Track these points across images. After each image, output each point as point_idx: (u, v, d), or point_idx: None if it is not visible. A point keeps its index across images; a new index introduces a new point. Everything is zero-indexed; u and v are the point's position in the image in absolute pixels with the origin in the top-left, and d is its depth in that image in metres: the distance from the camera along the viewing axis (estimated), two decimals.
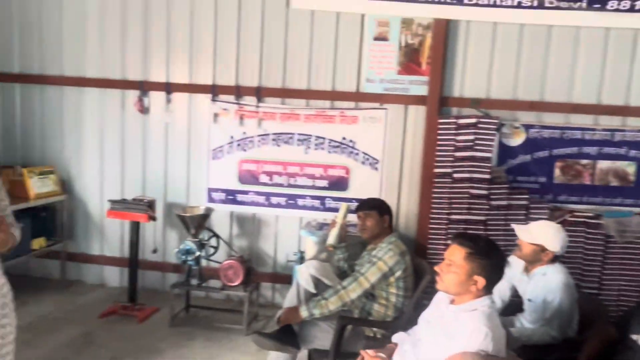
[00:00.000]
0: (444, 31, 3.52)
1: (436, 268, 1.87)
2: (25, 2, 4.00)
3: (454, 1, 3.47)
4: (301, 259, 3.54)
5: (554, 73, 3.53)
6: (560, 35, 3.48)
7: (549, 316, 2.33)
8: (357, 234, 3.10)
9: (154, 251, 3.91)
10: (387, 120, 3.70)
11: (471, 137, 3.51)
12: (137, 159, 4.04)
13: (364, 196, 3.65)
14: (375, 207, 2.77)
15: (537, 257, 2.42)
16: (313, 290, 2.70)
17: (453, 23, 3.55)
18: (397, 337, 2.06)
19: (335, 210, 3.75)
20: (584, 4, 3.36)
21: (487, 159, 3.50)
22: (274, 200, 3.88)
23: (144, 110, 3.94)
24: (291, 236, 3.91)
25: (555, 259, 2.43)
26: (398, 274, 2.54)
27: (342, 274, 2.87)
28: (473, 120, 3.51)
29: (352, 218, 3.10)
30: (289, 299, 2.75)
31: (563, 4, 3.38)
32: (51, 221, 4.09)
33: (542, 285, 2.38)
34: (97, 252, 4.20)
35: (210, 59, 3.83)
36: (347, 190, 3.81)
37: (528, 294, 2.44)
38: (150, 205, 3.67)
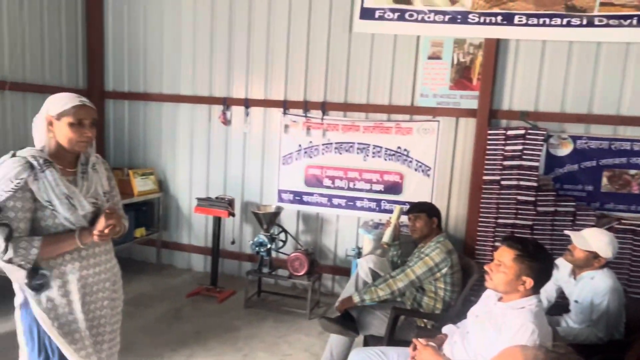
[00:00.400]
0: (495, 49, 3.39)
1: (486, 267, 1.81)
2: (133, 32, 4.31)
3: (505, 22, 3.34)
4: (358, 254, 3.53)
5: (602, 87, 3.29)
6: (610, 51, 3.25)
7: (595, 318, 2.17)
8: (409, 234, 3.07)
9: (232, 242, 4.05)
10: (439, 131, 3.62)
11: (519, 147, 3.35)
12: (220, 163, 4.21)
13: (417, 200, 3.59)
14: (424, 210, 2.71)
15: (589, 262, 2.26)
16: (370, 282, 2.68)
17: (503, 42, 3.42)
18: (446, 329, 2.01)
19: (390, 211, 3.74)
20: (635, 21, 3.11)
21: (535, 168, 3.32)
22: (335, 201, 3.90)
23: (226, 122, 4.10)
24: (350, 233, 3.92)
25: (605, 264, 2.27)
26: (444, 270, 2.47)
27: (396, 269, 2.84)
28: (521, 132, 3.34)
29: (405, 219, 3.05)
30: (347, 288, 2.75)
31: (613, 22, 3.15)
32: (150, 214, 4.34)
33: (589, 288, 2.22)
34: (186, 242, 4.41)
35: (282, 78, 3.93)
36: (401, 194, 3.75)
37: (575, 295, 2.29)
38: (230, 203, 3.80)
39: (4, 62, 3.59)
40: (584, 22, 3.18)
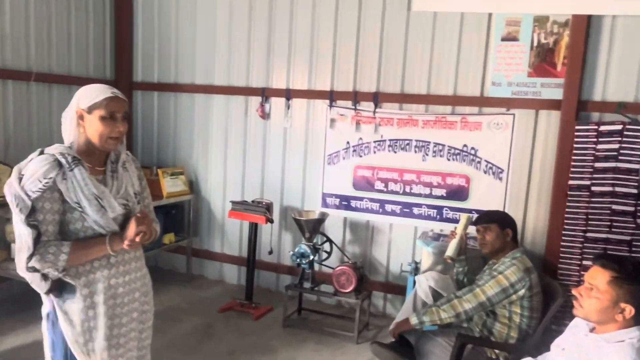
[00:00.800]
0: (585, 28, 3.24)
1: (574, 291, 1.72)
2: (165, 21, 4.47)
3: None
4: (415, 270, 3.47)
5: None
6: None
7: None
8: (477, 248, 2.99)
9: (270, 252, 4.10)
10: (514, 126, 3.49)
11: (615, 145, 3.18)
12: (257, 163, 4.28)
13: (485, 207, 3.53)
14: (495, 220, 2.63)
15: None
16: (430, 302, 2.63)
17: (596, 19, 3.26)
18: None
19: (453, 221, 3.67)
20: None
21: (635, 171, 3.14)
22: (389, 207, 3.86)
23: (265, 115, 4.17)
24: (405, 245, 3.87)
25: None
26: (522, 292, 2.38)
27: (461, 289, 2.77)
28: (618, 127, 3.17)
29: (473, 230, 2.98)
30: (404, 309, 2.72)
31: None
32: (179, 218, 4.48)
33: None
34: (218, 250, 4.52)
35: (329, 65, 3.94)
36: (467, 201, 3.66)
37: None
38: (269, 208, 3.86)
39: (30, 52, 3.82)
40: None
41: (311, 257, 3.61)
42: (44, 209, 1.59)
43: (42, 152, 1.64)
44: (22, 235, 1.57)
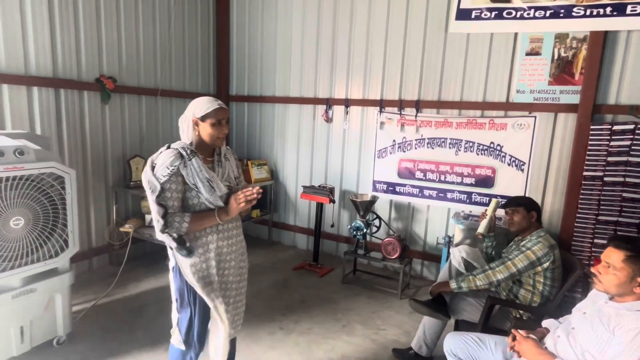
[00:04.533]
0: (602, 42, 2.92)
1: (593, 270, 1.56)
2: (253, 44, 4.50)
3: (615, 13, 2.86)
4: (449, 243, 3.33)
5: None
6: None
7: None
8: (503, 226, 2.83)
9: (332, 226, 4.08)
10: (535, 126, 3.24)
11: (627, 142, 2.87)
12: (322, 156, 4.25)
13: (509, 193, 3.35)
14: (522, 204, 2.44)
15: None
16: (463, 271, 2.51)
17: (612, 34, 2.93)
18: (547, 323, 1.79)
19: (481, 204, 3.49)
20: None
21: None
22: (426, 192, 3.72)
23: (328, 119, 4.12)
24: (440, 223, 3.72)
25: None
26: (546, 265, 2.21)
27: (489, 260, 2.62)
28: (630, 126, 2.85)
29: (500, 212, 2.80)
30: (442, 275, 2.61)
31: None
32: (263, 199, 4.54)
33: None
34: (292, 223, 4.55)
35: (379, 79, 3.82)
36: (493, 187, 3.45)
37: None
38: (331, 191, 3.83)
39: (157, 74, 3.99)
40: None
41: (364, 230, 3.56)
42: (170, 189, 1.63)
43: (169, 147, 1.69)
44: (154, 210, 1.63)
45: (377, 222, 3.73)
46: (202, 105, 1.68)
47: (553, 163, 3.23)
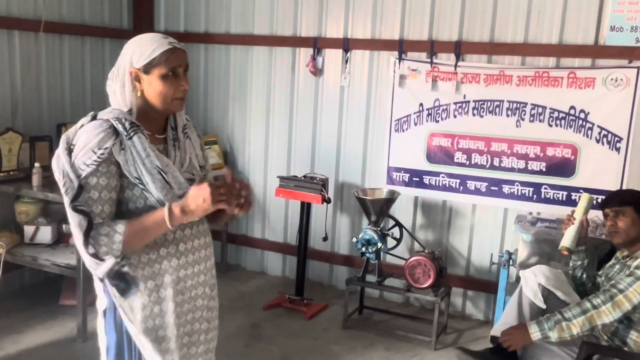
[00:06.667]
0: None
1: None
2: None
3: None
4: (508, 262, 3.38)
5: None
6: None
7: None
8: (599, 237, 2.89)
9: (324, 239, 4.04)
10: (639, 83, 3.32)
11: None
12: (307, 130, 4.23)
13: (596, 185, 3.46)
14: (629, 203, 2.48)
15: None
16: (543, 306, 2.54)
17: None
18: None
19: (554, 202, 3.60)
20: None
21: None
22: (472, 184, 3.77)
23: (317, 71, 4.09)
24: (493, 231, 3.79)
25: None
26: None
27: (577, 286, 2.67)
28: None
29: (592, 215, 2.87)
30: (507, 313, 2.63)
31: None
32: None
33: None
34: (258, 235, 4.53)
35: (398, 7, 3.82)
36: (573, 177, 3.54)
37: None
38: (324, 184, 3.79)
39: None
40: None
41: (379, 245, 3.55)
42: (98, 185, 1.56)
43: (94, 117, 1.61)
44: (72, 221, 1.56)
45: (396, 231, 3.74)
46: (143, 49, 1.62)
47: None
